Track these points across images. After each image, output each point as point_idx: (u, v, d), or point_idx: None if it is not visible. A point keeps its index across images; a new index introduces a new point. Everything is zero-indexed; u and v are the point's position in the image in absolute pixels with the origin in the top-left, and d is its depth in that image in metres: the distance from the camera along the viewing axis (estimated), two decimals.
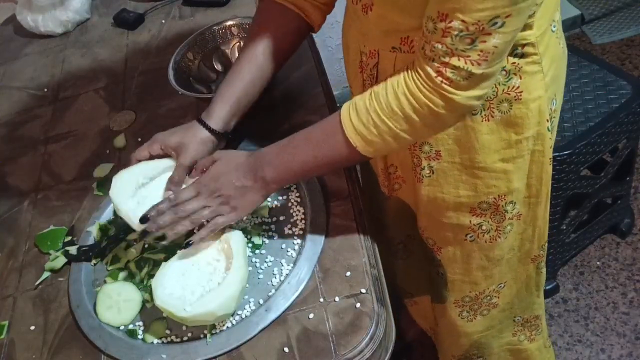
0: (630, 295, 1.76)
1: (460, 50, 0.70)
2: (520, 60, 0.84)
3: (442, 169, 0.96)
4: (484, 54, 0.70)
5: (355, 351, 0.81)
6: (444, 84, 0.73)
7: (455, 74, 0.72)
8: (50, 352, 0.91)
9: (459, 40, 0.69)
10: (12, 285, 1.02)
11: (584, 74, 1.64)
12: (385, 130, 0.78)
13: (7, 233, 1.11)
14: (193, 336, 0.88)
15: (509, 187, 0.96)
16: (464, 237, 1.05)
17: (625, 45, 2.47)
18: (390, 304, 0.90)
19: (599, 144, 1.51)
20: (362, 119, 0.79)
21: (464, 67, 0.71)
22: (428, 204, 1.03)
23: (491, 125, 0.89)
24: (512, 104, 0.87)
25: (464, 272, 1.12)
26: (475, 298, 1.16)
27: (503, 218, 1.00)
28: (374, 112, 0.78)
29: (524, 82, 0.86)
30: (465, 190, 0.97)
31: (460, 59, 0.71)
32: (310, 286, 0.88)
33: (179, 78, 1.16)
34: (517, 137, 0.90)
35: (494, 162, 0.93)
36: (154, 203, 0.93)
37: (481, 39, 0.69)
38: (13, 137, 1.32)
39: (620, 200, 1.80)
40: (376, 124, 0.78)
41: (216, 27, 1.25)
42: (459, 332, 1.24)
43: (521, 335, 1.29)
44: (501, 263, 1.09)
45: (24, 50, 1.60)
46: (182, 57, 1.21)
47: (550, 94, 0.91)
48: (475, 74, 0.72)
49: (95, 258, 1.00)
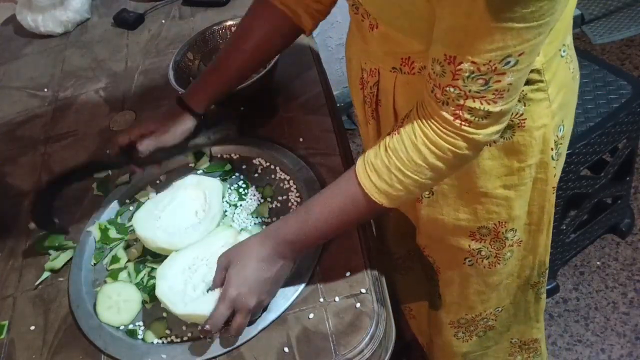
0: (630, 295, 1.76)
1: (474, 92, 0.67)
2: (524, 87, 0.80)
3: (442, 191, 0.94)
4: (499, 92, 0.67)
5: (355, 351, 0.81)
6: (463, 126, 0.70)
7: (472, 114, 0.69)
8: (50, 352, 0.91)
9: (472, 81, 0.66)
10: (12, 285, 1.02)
11: (584, 74, 1.64)
12: (410, 183, 0.74)
13: (7, 233, 1.11)
14: (193, 336, 0.88)
15: (510, 214, 0.94)
16: (462, 261, 1.03)
17: (625, 45, 2.47)
18: (390, 304, 0.90)
19: (599, 144, 1.51)
20: (385, 177, 0.75)
21: (481, 107, 0.68)
22: (428, 224, 1.01)
23: (493, 151, 0.87)
24: (515, 131, 0.84)
25: (460, 296, 1.10)
26: (471, 320, 1.15)
27: (503, 245, 0.99)
28: (396, 170, 0.74)
29: (528, 109, 0.83)
30: (465, 214, 0.95)
31: (476, 100, 0.67)
32: (310, 286, 0.88)
33: (179, 78, 1.16)
34: (520, 165, 0.88)
35: (495, 188, 0.91)
36: (176, 227, 0.97)
37: (495, 79, 0.65)
38: (13, 137, 1.32)
39: (620, 200, 1.80)
40: (401, 180, 0.74)
41: (216, 27, 1.25)
42: (453, 352, 1.23)
43: (518, 357, 1.27)
44: (499, 288, 1.08)
45: (24, 50, 1.60)
46: (182, 57, 1.21)
47: (557, 121, 0.88)
48: (493, 112, 0.69)
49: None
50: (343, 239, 0.93)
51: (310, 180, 1.01)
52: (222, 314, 0.81)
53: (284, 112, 1.15)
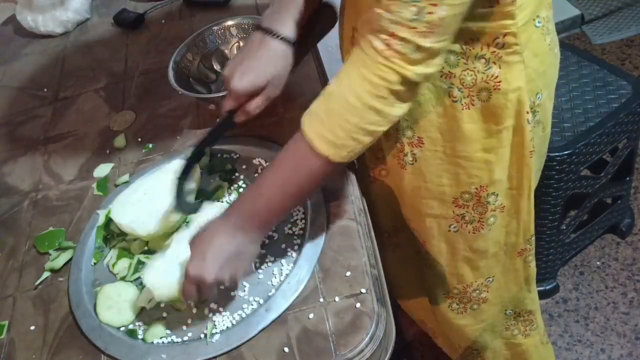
0: (630, 295, 1.76)
1: (407, 20, 0.69)
2: (500, 50, 0.84)
3: (425, 157, 0.96)
4: (430, 25, 0.69)
5: (355, 351, 0.81)
6: (393, 58, 0.71)
7: (403, 46, 0.70)
8: (50, 352, 0.91)
9: (405, 7, 0.68)
10: (12, 285, 1.02)
11: (584, 74, 1.64)
12: (352, 128, 0.75)
13: (7, 233, 1.11)
14: (193, 336, 0.88)
15: (491, 177, 0.96)
16: (447, 229, 1.05)
17: (625, 45, 2.47)
18: (390, 304, 0.90)
19: (599, 144, 1.51)
20: (326, 124, 0.75)
21: (411, 38, 0.70)
22: (412, 194, 1.03)
23: (472, 114, 0.89)
24: (491, 93, 0.87)
25: (449, 264, 1.12)
26: (463, 291, 1.16)
27: (485, 209, 1.01)
28: (335, 114, 0.74)
29: (503, 72, 0.86)
30: (447, 180, 0.98)
31: (407, 30, 0.69)
32: (310, 286, 0.88)
33: (178, 78, 1.16)
34: (497, 127, 0.91)
35: (475, 151, 0.93)
36: (151, 213, 0.96)
37: (428, 9, 0.68)
38: (13, 137, 1.32)
39: (620, 200, 1.80)
40: (342, 126, 0.74)
41: (216, 27, 1.25)
42: (452, 324, 1.25)
43: (514, 330, 1.29)
44: (487, 256, 1.09)
45: (24, 50, 1.60)
46: (182, 58, 1.21)
47: (533, 87, 0.91)
48: (423, 47, 0.71)
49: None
50: (343, 238, 0.93)
51: None
52: (188, 290, 0.83)
53: (284, 112, 1.15)
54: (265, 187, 0.82)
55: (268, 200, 0.83)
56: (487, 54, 0.84)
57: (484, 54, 0.84)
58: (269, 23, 0.91)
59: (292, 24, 0.90)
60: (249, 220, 0.83)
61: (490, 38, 0.83)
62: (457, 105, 0.89)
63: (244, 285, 0.91)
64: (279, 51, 0.90)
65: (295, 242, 0.95)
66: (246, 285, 0.91)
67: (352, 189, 1.00)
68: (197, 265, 0.82)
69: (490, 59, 0.85)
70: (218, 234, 0.83)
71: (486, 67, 0.85)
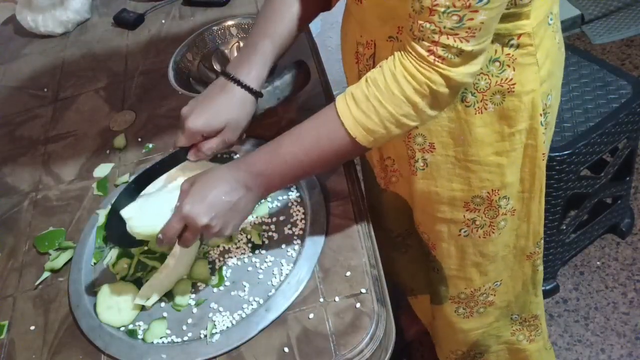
0: (630, 295, 1.76)
1: (448, 28, 0.71)
2: (515, 52, 0.84)
3: (436, 162, 0.96)
4: (471, 30, 0.71)
5: (355, 351, 0.81)
6: (437, 62, 0.73)
7: (446, 51, 0.72)
8: (50, 352, 0.91)
9: (447, 17, 0.70)
10: (12, 285, 1.02)
11: (584, 74, 1.65)
12: (386, 116, 0.76)
13: (7, 233, 1.11)
14: (193, 336, 0.88)
15: (503, 181, 0.96)
16: (457, 233, 1.05)
17: (625, 45, 2.47)
18: (390, 304, 0.90)
19: (599, 144, 1.51)
20: (362, 107, 0.76)
21: (454, 44, 0.72)
22: (422, 199, 1.03)
23: (484, 118, 0.89)
24: (505, 96, 0.87)
25: (458, 268, 1.12)
26: (471, 295, 1.16)
27: (497, 213, 1.01)
28: (374, 99, 0.76)
29: (517, 74, 0.86)
30: (459, 184, 0.97)
31: (449, 37, 0.71)
32: (310, 286, 0.88)
33: (179, 78, 1.16)
34: (510, 130, 0.91)
35: (487, 155, 0.93)
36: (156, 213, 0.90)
37: (468, 16, 0.70)
38: (13, 137, 1.32)
39: (620, 200, 1.80)
40: (377, 111, 0.76)
41: (215, 27, 1.25)
42: (455, 328, 1.24)
43: (520, 335, 1.29)
44: (496, 260, 1.09)
45: (24, 50, 1.60)
46: (182, 58, 1.21)
47: (545, 89, 0.91)
48: (466, 51, 0.73)
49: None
50: (343, 238, 0.93)
51: (309, 180, 1.01)
52: (173, 226, 0.81)
53: (284, 112, 1.15)
54: (282, 154, 0.81)
55: (282, 166, 0.82)
56: (502, 56, 0.84)
57: (498, 57, 0.84)
58: (233, 69, 0.91)
59: (256, 74, 0.91)
60: (257, 179, 0.82)
61: (505, 39, 0.83)
62: (470, 110, 0.88)
63: (244, 285, 0.91)
64: (239, 98, 0.90)
65: (295, 242, 0.95)
66: (246, 285, 0.91)
67: (352, 189, 1.00)
68: (193, 204, 0.80)
69: (505, 62, 0.84)
70: (222, 183, 0.81)
71: (500, 70, 0.85)
